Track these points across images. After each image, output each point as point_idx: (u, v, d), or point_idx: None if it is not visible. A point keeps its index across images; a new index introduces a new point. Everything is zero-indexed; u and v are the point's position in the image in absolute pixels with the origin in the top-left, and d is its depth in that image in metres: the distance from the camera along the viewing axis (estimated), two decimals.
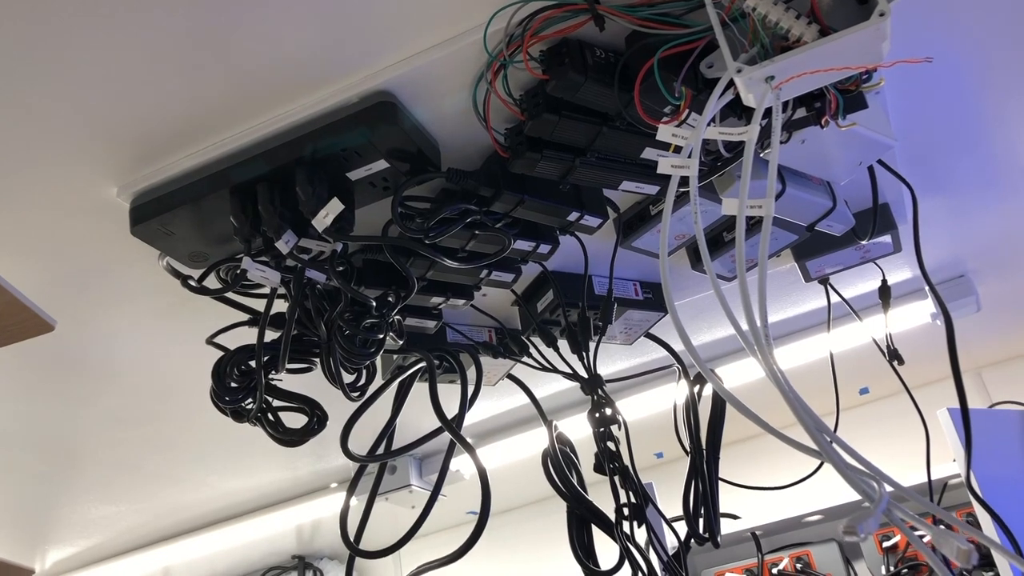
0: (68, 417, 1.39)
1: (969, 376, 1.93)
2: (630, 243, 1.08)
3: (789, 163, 0.94)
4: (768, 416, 0.65)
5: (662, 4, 0.76)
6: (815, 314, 1.47)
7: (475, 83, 0.84)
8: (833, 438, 0.68)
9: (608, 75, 0.78)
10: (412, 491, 1.71)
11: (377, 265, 1.00)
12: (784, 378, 0.64)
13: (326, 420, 0.95)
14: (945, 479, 1.61)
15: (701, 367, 0.68)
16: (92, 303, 1.10)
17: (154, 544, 1.99)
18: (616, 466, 1.05)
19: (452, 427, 1.01)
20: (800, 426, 0.61)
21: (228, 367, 0.90)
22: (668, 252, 1.11)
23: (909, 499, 0.64)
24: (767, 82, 0.70)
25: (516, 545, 2.21)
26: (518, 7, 0.76)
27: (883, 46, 0.68)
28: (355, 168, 0.86)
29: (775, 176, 0.69)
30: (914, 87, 1.04)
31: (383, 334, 0.93)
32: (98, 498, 1.72)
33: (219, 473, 1.72)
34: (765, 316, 0.66)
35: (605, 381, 1.13)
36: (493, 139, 0.86)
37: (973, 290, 1.45)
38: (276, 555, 2.31)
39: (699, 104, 0.76)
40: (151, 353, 1.25)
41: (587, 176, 0.89)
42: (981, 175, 1.24)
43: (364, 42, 0.79)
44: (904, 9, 0.71)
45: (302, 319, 0.92)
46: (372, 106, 0.83)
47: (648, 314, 1.24)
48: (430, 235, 0.90)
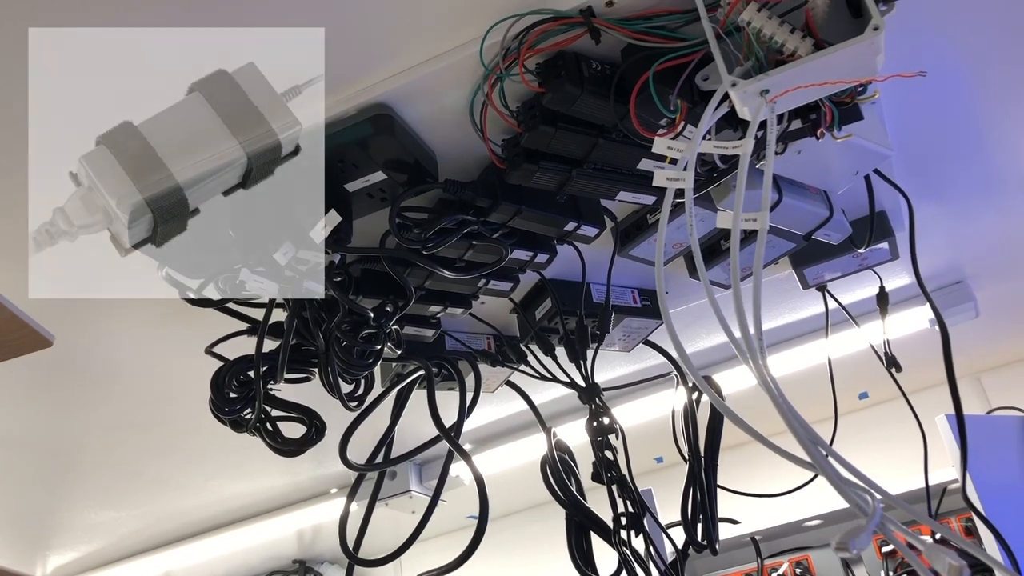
0: (69, 423, 1.39)
1: (968, 381, 1.93)
2: (627, 251, 1.08)
3: (786, 173, 0.94)
4: (765, 422, 0.65)
5: (658, 17, 0.76)
6: (814, 320, 1.48)
7: (472, 95, 0.84)
8: (828, 450, 0.68)
9: (604, 87, 0.79)
10: (412, 496, 1.71)
11: (375, 274, 1.00)
12: (778, 389, 0.64)
13: (324, 430, 0.95)
14: (945, 484, 1.61)
15: (696, 378, 0.68)
16: (93, 310, 1.11)
17: (155, 549, 2.00)
18: (614, 475, 1.05)
19: (451, 437, 1.01)
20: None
21: (227, 378, 0.90)
22: (665, 261, 1.11)
23: (904, 511, 0.64)
24: (762, 95, 0.70)
25: (514, 550, 2.21)
26: (514, 21, 0.76)
27: (877, 60, 0.69)
28: (352, 180, 0.86)
29: (769, 189, 0.70)
30: (910, 95, 1.04)
31: (381, 345, 0.93)
32: (99, 503, 1.73)
33: (219, 478, 1.72)
34: (760, 327, 0.67)
35: (603, 389, 1.13)
36: (490, 150, 0.86)
37: (971, 296, 1.45)
38: (277, 559, 2.32)
39: (695, 116, 0.76)
40: (151, 359, 1.25)
41: (584, 187, 0.89)
42: (978, 182, 1.25)
43: (362, 55, 0.80)
44: (899, 19, 0.71)
45: (300, 330, 0.93)
46: (369, 118, 0.83)
47: (646, 321, 1.24)
48: (428, 246, 0.90)
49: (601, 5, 0.76)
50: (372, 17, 0.76)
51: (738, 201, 0.66)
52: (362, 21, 0.76)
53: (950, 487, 1.61)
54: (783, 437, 0.63)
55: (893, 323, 1.43)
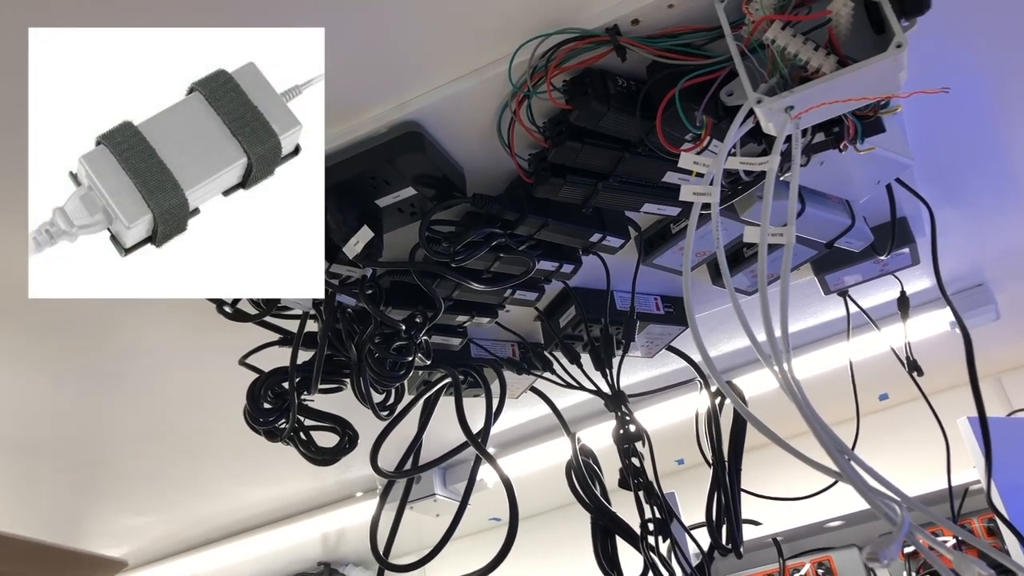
0: (101, 430, 1.42)
1: (989, 382, 1.93)
2: (652, 260, 1.09)
3: (808, 183, 0.95)
4: (788, 424, 0.66)
5: (683, 35, 0.78)
6: (834, 323, 1.49)
7: (499, 112, 0.86)
8: (852, 457, 0.69)
9: (630, 104, 0.80)
10: (437, 500, 1.73)
11: (404, 286, 1.02)
12: (803, 395, 0.66)
13: (357, 439, 0.97)
14: (966, 484, 1.61)
15: (721, 385, 0.70)
16: (128, 317, 1.13)
17: (183, 553, 2.03)
18: (641, 481, 1.06)
19: (479, 445, 1.03)
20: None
21: (262, 389, 0.92)
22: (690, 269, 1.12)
23: (930, 518, 0.66)
24: (787, 112, 0.71)
25: (536, 552, 2.22)
26: (541, 40, 0.78)
27: (900, 76, 0.70)
28: (384, 195, 0.88)
29: (795, 205, 0.71)
30: (932, 103, 1.05)
31: (412, 356, 0.95)
32: (129, 509, 1.76)
33: (247, 484, 1.75)
34: (787, 336, 0.68)
35: (628, 397, 1.14)
36: (517, 165, 0.88)
37: (992, 299, 1.46)
38: (302, 562, 2.35)
39: (720, 131, 0.78)
40: (184, 367, 1.28)
41: (609, 200, 0.91)
42: (999, 187, 1.25)
43: (393, 75, 0.81)
44: (921, 31, 0.72)
45: (333, 341, 0.95)
46: (400, 136, 0.85)
47: (670, 328, 1.25)
48: (457, 259, 0.92)
49: (627, 23, 0.78)
50: (404, 39, 0.78)
51: (765, 217, 0.68)
52: (393, 44, 0.78)
53: (972, 488, 1.62)
54: (804, 439, 0.64)
55: (915, 325, 1.43)
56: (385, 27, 0.77)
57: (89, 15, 0.71)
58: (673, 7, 0.77)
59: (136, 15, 0.72)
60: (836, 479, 0.69)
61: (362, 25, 0.76)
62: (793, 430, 0.65)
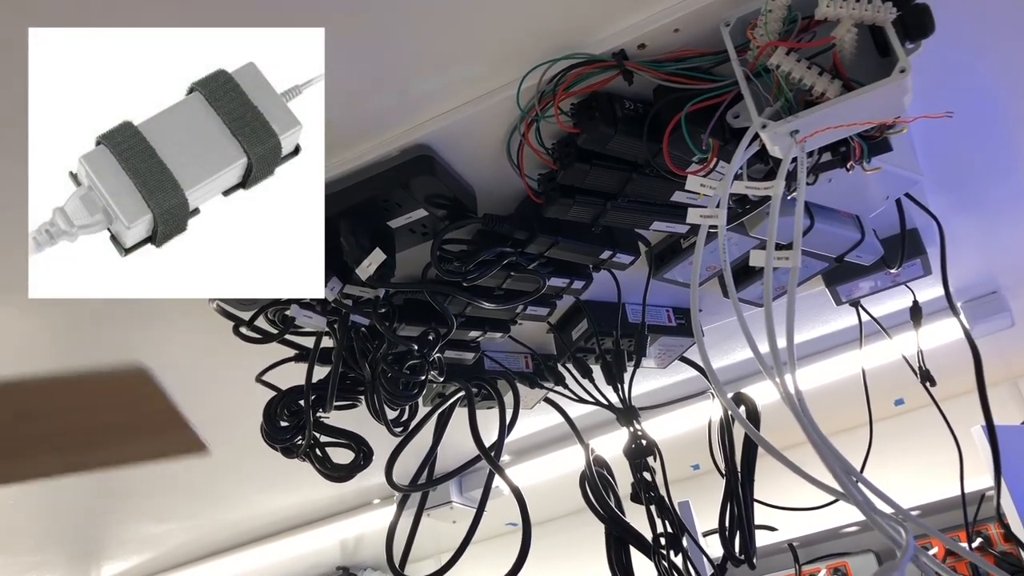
0: None
1: (1006, 387, 1.92)
2: (662, 275, 1.10)
3: (817, 199, 0.96)
4: (798, 432, 0.66)
5: (689, 59, 0.78)
6: (847, 332, 1.49)
7: (509, 134, 0.87)
8: (859, 478, 0.70)
9: (637, 126, 0.81)
10: (453, 507, 1.75)
11: (417, 302, 1.03)
12: (809, 418, 0.66)
13: (372, 456, 0.99)
14: (983, 490, 1.60)
15: (724, 402, 0.71)
16: (150, 331, 1.15)
17: (203, 559, 2.05)
18: (653, 495, 1.07)
19: (492, 459, 1.04)
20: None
21: (278, 408, 0.94)
22: (699, 283, 1.13)
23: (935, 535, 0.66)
24: (792, 136, 0.72)
25: (550, 558, 2.23)
26: (549, 65, 0.79)
27: (905, 100, 0.70)
28: (396, 216, 0.90)
29: (801, 225, 0.72)
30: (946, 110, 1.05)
31: (425, 375, 0.97)
32: (150, 517, 1.79)
33: (266, 492, 1.77)
34: (792, 350, 0.69)
35: (641, 409, 1.15)
36: (527, 186, 0.89)
37: (1006, 306, 1.45)
38: (320, 567, 2.37)
39: (727, 153, 0.78)
40: (203, 379, 1.30)
41: (618, 219, 0.92)
42: (1012, 195, 1.25)
43: (404, 100, 0.83)
44: (934, 41, 0.72)
45: (347, 360, 0.96)
46: (412, 159, 0.86)
47: (681, 339, 1.26)
48: (468, 278, 0.93)
49: (633, 48, 0.79)
50: (415, 64, 0.79)
51: (770, 243, 0.68)
52: (406, 68, 0.79)
53: (988, 494, 1.61)
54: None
55: (930, 331, 1.43)
56: (398, 53, 0.78)
57: (89, 15, 0.71)
58: (679, 31, 0.77)
59: (136, 15, 0.72)
60: (838, 498, 0.70)
61: (374, 52, 0.77)
62: (801, 439, 0.65)
